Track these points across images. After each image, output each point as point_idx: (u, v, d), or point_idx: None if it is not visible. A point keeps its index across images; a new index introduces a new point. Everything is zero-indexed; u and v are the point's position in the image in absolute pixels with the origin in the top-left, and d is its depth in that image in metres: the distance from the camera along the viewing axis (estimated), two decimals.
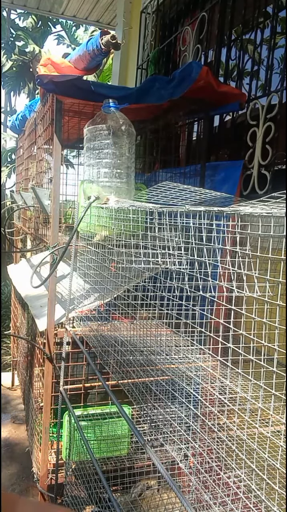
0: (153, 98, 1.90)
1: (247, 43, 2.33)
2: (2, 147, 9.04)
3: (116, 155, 1.60)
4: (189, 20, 2.92)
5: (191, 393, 1.04)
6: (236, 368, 0.80)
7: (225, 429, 0.94)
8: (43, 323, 1.95)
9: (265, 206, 0.76)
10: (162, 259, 1.07)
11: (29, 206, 2.68)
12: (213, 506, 0.90)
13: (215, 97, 1.97)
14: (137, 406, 1.24)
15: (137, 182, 2.06)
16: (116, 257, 1.36)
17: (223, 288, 0.81)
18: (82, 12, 4.79)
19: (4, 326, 4.91)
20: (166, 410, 1.17)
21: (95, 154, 1.62)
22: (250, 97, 2.15)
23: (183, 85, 1.81)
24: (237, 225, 0.76)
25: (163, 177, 2.52)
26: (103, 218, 1.53)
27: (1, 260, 3.09)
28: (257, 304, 0.73)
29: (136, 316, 1.62)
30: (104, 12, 4.72)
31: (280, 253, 0.68)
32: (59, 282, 2.09)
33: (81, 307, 1.89)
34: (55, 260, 1.81)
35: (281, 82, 1.96)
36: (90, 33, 10.08)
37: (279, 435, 0.95)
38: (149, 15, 3.50)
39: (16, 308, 3.69)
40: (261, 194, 1.93)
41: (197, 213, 0.88)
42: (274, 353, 0.68)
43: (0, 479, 0.60)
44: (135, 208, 1.20)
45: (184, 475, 1.00)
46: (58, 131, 1.85)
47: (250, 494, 0.84)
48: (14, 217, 3.64)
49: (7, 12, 10.20)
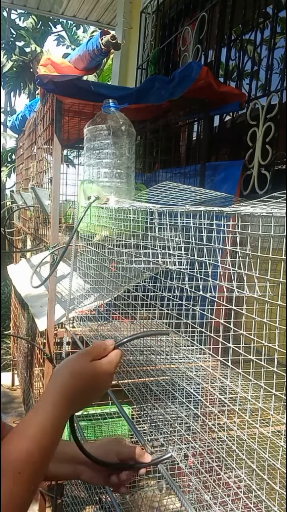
0: (153, 98, 1.90)
1: (247, 43, 2.33)
2: (2, 147, 9.04)
3: (116, 155, 1.60)
4: (189, 20, 2.91)
5: (191, 393, 1.04)
6: (236, 368, 0.80)
7: (225, 429, 0.94)
8: (43, 323, 1.95)
9: (265, 206, 0.76)
10: (162, 259, 1.07)
11: (29, 206, 2.68)
12: (213, 506, 0.90)
13: (215, 97, 1.97)
14: (137, 406, 1.24)
15: (137, 182, 2.06)
16: (116, 257, 1.36)
17: (223, 288, 0.81)
18: (82, 12, 4.79)
19: (4, 326, 4.91)
20: (166, 410, 1.17)
21: (95, 154, 1.62)
22: (250, 97, 2.15)
23: (183, 85, 1.81)
24: (237, 225, 0.76)
25: (163, 177, 2.52)
26: (103, 218, 1.53)
27: (1, 260, 3.09)
28: (257, 304, 0.73)
29: (136, 316, 1.62)
30: (104, 12, 4.72)
31: (280, 253, 0.68)
32: (59, 282, 2.09)
33: (81, 307, 1.89)
34: (55, 260, 1.81)
35: (281, 82, 1.96)
36: (90, 33, 10.09)
37: (280, 435, 0.95)
38: (149, 15, 3.50)
39: (16, 308, 3.69)
40: (261, 194, 1.93)
41: (197, 213, 0.88)
42: (275, 353, 0.68)
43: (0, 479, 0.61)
44: (136, 208, 1.20)
45: (184, 475, 1.00)
46: (58, 131, 1.85)
47: (250, 494, 0.84)
48: (14, 217, 3.64)
49: (7, 12, 10.20)
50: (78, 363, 0.69)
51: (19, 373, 3.60)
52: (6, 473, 0.55)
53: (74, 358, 0.70)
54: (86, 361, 0.69)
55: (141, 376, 1.29)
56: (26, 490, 0.56)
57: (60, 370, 0.68)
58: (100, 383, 0.70)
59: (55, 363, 1.96)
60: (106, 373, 0.70)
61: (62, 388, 0.65)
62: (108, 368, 0.71)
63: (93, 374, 0.69)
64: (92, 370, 0.69)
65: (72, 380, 0.67)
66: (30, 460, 0.57)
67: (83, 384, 0.67)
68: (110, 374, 0.71)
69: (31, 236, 3.05)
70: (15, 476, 0.55)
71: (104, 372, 0.70)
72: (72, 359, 0.70)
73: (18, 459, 0.56)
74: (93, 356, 0.70)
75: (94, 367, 0.69)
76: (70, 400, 0.65)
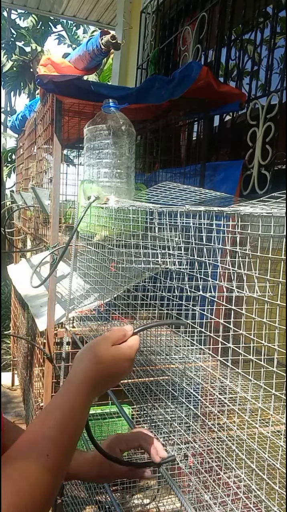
0: (153, 98, 1.90)
1: (247, 43, 2.33)
2: (2, 147, 9.04)
3: (116, 155, 1.60)
4: (189, 20, 2.91)
5: (191, 393, 1.04)
6: (236, 368, 0.80)
7: (225, 429, 0.94)
8: (43, 323, 1.95)
9: (265, 206, 0.76)
10: (162, 259, 1.07)
11: (29, 206, 2.68)
12: (213, 506, 0.90)
13: (215, 97, 1.97)
14: (137, 406, 1.24)
15: (137, 182, 2.06)
16: (116, 257, 1.36)
17: (223, 288, 0.81)
18: (82, 12, 4.79)
19: (4, 326, 4.91)
20: (166, 410, 1.17)
21: (95, 154, 1.62)
22: (250, 97, 2.15)
23: (183, 85, 1.81)
24: (237, 225, 0.76)
25: (163, 177, 2.52)
26: (103, 218, 1.53)
27: (1, 260, 3.09)
28: (257, 304, 0.73)
29: (136, 316, 1.62)
30: (104, 12, 4.72)
31: (280, 253, 0.68)
32: (59, 282, 2.09)
33: (81, 307, 1.89)
34: (55, 260, 1.81)
35: (281, 82, 1.96)
36: (90, 33, 10.08)
37: (279, 435, 0.95)
38: (149, 15, 3.50)
39: (16, 308, 3.69)
40: (261, 194, 1.93)
41: (197, 213, 0.88)
42: (274, 353, 0.68)
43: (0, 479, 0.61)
44: (135, 208, 1.20)
45: (184, 475, 1.00)
46: (58, 131, 1.85)
47: (250, 494, 0.84)
48: (14, 217, 3.64)
49: (7, 12, 10.20)
50: (100, 348, 0.69)
51: (19, 373, 3.60)
52: (33, 455, 0.54)
53: (96, 343, 0.70)
54: (108, 346, 0.70)
55: (141, 376, 1.29)
56: (54, 476, 0.54)
57: (82, 356, 0.69)
58: (121, 368, 0.71)
59: (55, 363, 1.96)
60: (127, 358, 0.71)
61: (85, 374, 0.66)
62: (129, 353, 0.71)
63: (114, 359, 0.69)
64: (113, 355, 0.69)
65: (94, 365, 0.67)
66: (58, 440, 0.57)
67: (105, 368, 0.68)
68: (131, 359, 0.72)
69: (31, 236, 3.05)
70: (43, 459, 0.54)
71: (125, 357, 0.70)
72: (93, 344, 0.70)
73: (45, 441, 0.56)
74: (113, 341, 0.71)
75: (116, 352, 0.70)
76: (93, 386, 0.66)
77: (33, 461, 0.53)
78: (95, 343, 0.70)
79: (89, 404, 0.66)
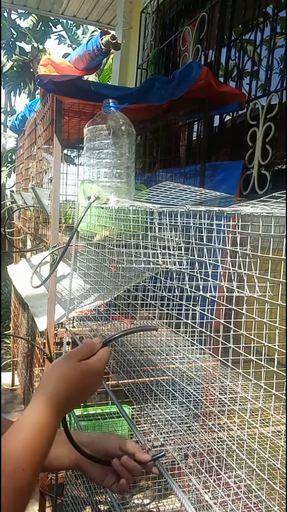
0: (153, 98, 1.90)
1: (247, 43, 2.33)
2: (2, 147, 9.04)
3: (116, 155, 1.60)
4: (189, 20, 2.91)
5: (191, 393, 1.04)
6: (236, 368, 0.80)
7: (225, 429, 0.94)
8: (43, 323, 1.95)
9: (265, 206, 0.76)
10: (162, 259, 1.07)
11: (29, 206, 2.68)
12: (213, 506, 0.90)
13: (215, 97, 1.97)
14: (137, 406, 1.24)
15: (137, 182, 2.06)
16: (116, 257, 1.36)
17: (223, 288, 0.81)
18: (82, 12, 4.79)
19: (4, 326, 4.91)
20: (166, 410, 1.17)
21: (95, 154, 1.61)
22: (250, 97, 2.15)
23: (183, 85, 1.81)
24: (238, 225, 0.76)
25: (163, 177, 2.52)
26: (103, 218, 1.53)
27: (1, 260, 3.09)
28: (257, 304, 0.73)
29: (137, 316, 1.62)
30: (104, 12, 4.72)
31: (280, 253, 0.68)
32: (59, 282, 2.09)
33: (81, 307, 1.89)
34: (55, 260, 1.81)
35: (281, 82, 1.96)
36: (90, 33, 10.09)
37: (280, 435, 0.95)
38: (149, 15, 3.50)
39: (16, 308, 3.69)
40: (261, 194, 1.93)
41: (197, 213, 0.88)
42: (275, 353, 0.68)
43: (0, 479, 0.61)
44: (136, 208, 1.20)
45: (184, 475, 1.00)
46: (58, 131, 1.85)
47: (250, 494, 0.84)
48: (14, 217, 3.64)
49: (7, 12, 10.19)
50: (66, 365, 0.69)
51: (19, 373, 3.60)
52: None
53: (62, 360, 0.70)
54: (74, 362, 0.69)
55: (141, 376, 1.29)
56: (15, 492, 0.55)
57: (49, 374, 0.68)
58: (90, 383, 0.71)
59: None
60: (95, 372, 0.70)
61: (52, 393, 0.65)
62: (97, 367, 0.71)
63: (82, 374, 0.69)
64: (81, 371, 0.69)
65: (61, 383, 0.66)
66: (22, 460, 0.57)
67: (73, 385, 0.67)
68: (99, 372, 0.71)
69: (31, 236, 3.05)
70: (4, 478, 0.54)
71: (93, 371, 0.70)
72: (59, 362, 0.70)
73: (8, 461, 0.56)
74: (80, 356, 0.70)
75: (83, 367, 0.69)
76: (61, 405, 0.65)
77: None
78: (62, 360, 0.70)
79: (56, 422, 0.65)
